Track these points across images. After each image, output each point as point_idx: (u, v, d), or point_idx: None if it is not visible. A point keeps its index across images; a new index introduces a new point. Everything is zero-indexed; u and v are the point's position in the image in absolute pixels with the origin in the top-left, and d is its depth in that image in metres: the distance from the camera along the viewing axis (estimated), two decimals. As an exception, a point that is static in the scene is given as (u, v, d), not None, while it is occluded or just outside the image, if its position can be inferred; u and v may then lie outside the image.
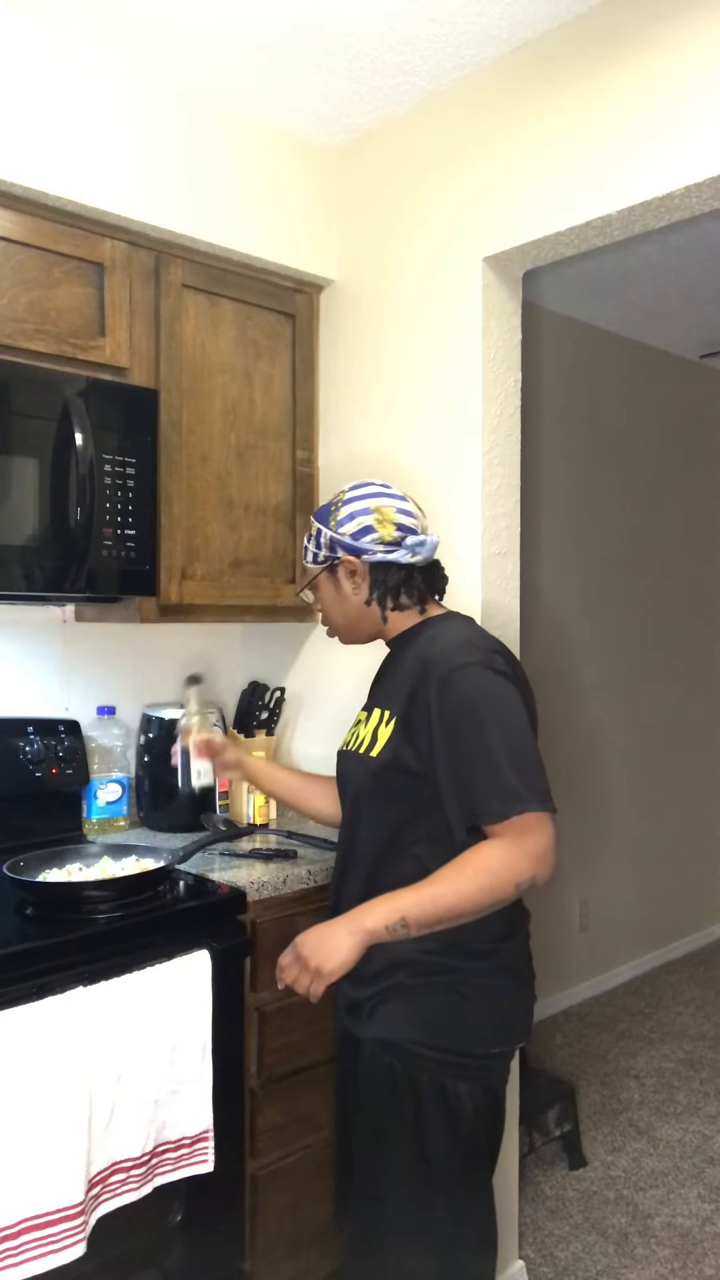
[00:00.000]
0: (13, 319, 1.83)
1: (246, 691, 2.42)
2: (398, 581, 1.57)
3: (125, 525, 1.92)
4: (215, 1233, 1.75)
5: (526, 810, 1.36)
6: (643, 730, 4.16)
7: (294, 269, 2.27)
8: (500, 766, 1.37)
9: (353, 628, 1.63)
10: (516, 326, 2.11)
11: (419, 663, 1.48)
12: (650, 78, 1.75)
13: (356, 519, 1.55)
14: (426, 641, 1.52)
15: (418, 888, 1.39)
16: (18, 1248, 1.40)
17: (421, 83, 2.08)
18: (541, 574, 3.62)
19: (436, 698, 1.42)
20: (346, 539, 1.55)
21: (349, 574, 1.58)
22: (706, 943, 4.53)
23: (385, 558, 1.55)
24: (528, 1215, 2.49)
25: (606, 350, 3.93)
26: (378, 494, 1.58)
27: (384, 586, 1.57)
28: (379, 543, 1.55)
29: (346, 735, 1.67)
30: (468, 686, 1.41)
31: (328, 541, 1.57)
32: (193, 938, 1.69)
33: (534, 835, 1.37)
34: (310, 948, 1.43)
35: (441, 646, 1.48)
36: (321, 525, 1.58)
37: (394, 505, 1.57)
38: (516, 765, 1.38)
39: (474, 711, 1.40)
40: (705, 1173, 2.69)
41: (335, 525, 1.56)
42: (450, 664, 1.43)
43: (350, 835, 1.58)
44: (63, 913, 1.67)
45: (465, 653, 1.45)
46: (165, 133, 2.05)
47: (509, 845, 1.37)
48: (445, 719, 1.41)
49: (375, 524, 1.55)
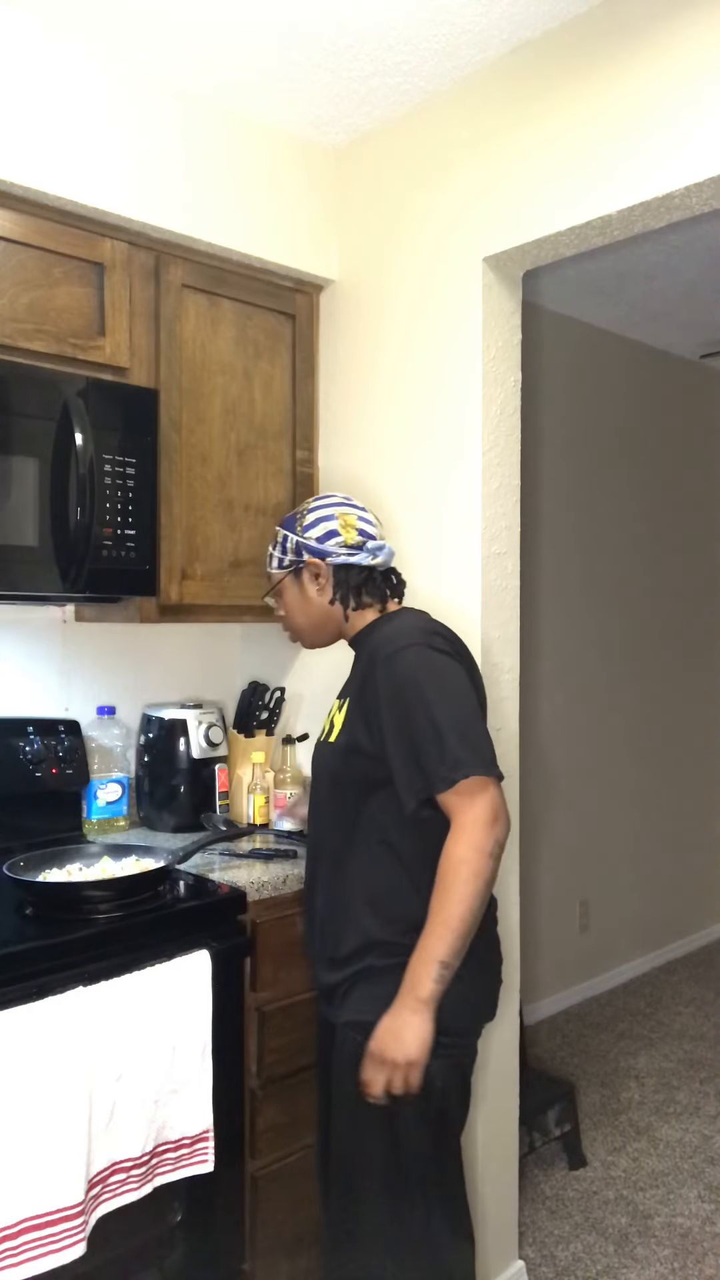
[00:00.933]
0: (13, 319, 1.83)
1: (246, 691, 2.42)
2: (359, 582, 1.68)
3: (125, 525, 1.92)
4: (215, 1233, 1.75)
5: (471, 774, 1.42)
6: (643, 730, 4.16)
7: (294, 269, 2.27)
8: (444, 734, 1.44)
9: (316, 630, 1.73)
10: (516, 326, 2.11)
11: (369, 650, 1.59)
12: (650, 78, 1.75)
13: (322, 524, 1.68)
14: (378, 634, 1.61)
15: (429, 929, 1.43)
16: (18, 1248, 1.40)
17: (421, 83, 2.08)
18: (541, 574, 3.62)
19: (384, 678, 1.50)
20: (312, 542, 1.67)
21: (313, 576, 1.69)
22: (706, 943, 4.53)
23: (348, 560, 1.67)
24: (528, 1215, 2.49)
25: (606, 350, 3.93)
26: (340, 503, 1.72)
27: (346, 586, 1.68)
28: (342, 546, 1.67)
29: None
30: (408, 663, 1.49)
31: (294, 546, 1.69)
32: (193, 938, 1.69)
33: (480, 799, 1.43)
34: (385, 1047, 1.44)
35: (386, 633, 1.58)
36: (288, 531, 1.70)
37: (355, 514, 1.71)
38: (459, 733, 1.44)
39: (416, 685, 1.47)
40: (705, 1173, 2.69)
41: (301, 530, 1.68)
42: (393, 645, 1.52)
43: (320, 823, 1.64)
44: (63, 913, 1.67)
45: (406, 636, 1.54)
46: (165, 133, 2.04)
47: (462, 825, 1.42)
48: (388, 695, 1.49)
49: (340, 528, 1.67)
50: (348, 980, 1.56)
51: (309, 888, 1.69)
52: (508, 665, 2.10)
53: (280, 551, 1.72)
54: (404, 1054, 1.42)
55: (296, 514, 1.73)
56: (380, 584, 1.69)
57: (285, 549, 1.71)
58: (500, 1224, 2.16)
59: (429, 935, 1.43)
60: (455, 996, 1.47)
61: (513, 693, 2.11)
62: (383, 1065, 1.43)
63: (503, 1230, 2.18)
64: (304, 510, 1.72)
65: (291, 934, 1.88)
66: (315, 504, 1.73)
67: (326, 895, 1.62)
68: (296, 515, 1.72)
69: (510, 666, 2.10)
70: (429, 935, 1.43)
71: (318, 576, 1.68)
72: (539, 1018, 3.65)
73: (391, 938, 1.52)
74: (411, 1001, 1.43)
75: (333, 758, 1.60)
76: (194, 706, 2.30)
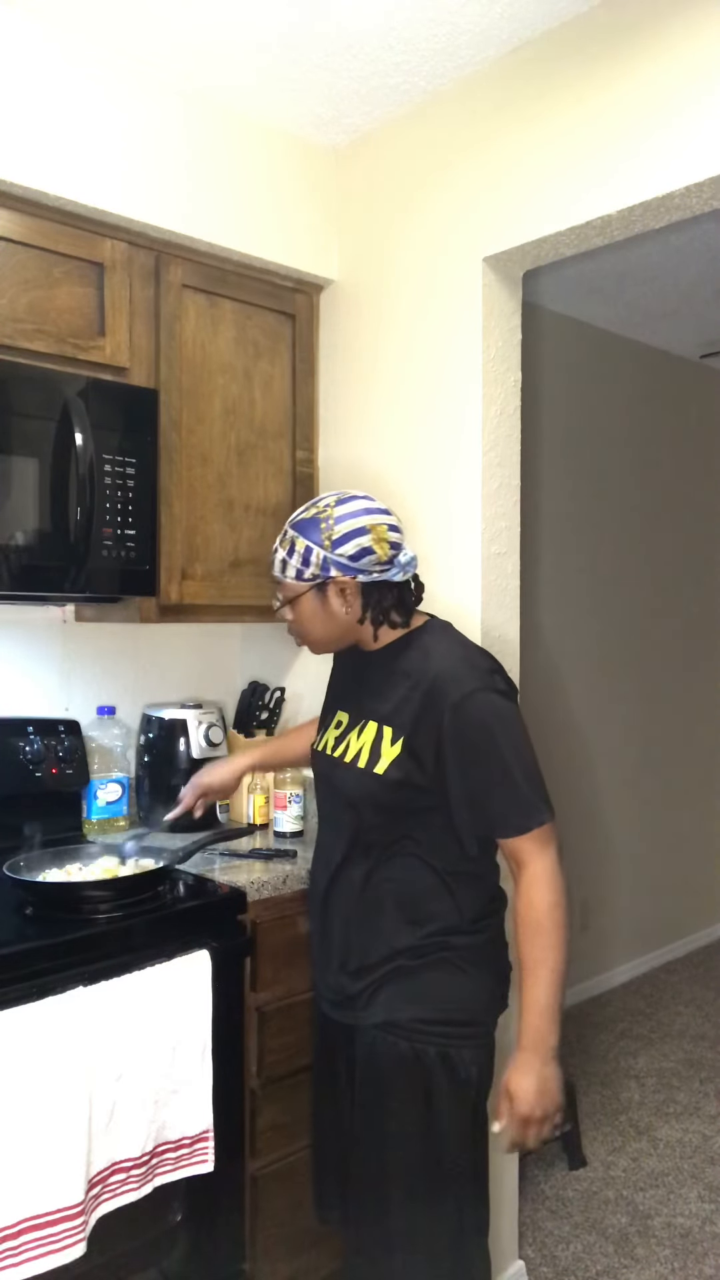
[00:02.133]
0: (13, 319, 1.83)
1: (246, 691, 2.42)
2: (392, 602, 1.58)
3: (125, 525, 1.92)
4: (215, 1233, 1.75)
5: (544, 821, 1.49)
6: (643, 730, 4.16)
7: (294, 269, 2.27)
8: (517, 784, 1.47)
9: (334, 642, 1.64)
10: (516, 326, 2.11)
11: (422, 684, 1.51)
12: (650, 77, 1.75)
13: (354, 540, 1.52)
14: (421, 657, 1.55)
15: (537, 979, 1.48)
16: (18, 1248, 1.40)
17: (421, 83, 2.08)
18: (541, 574, 3.62)
19: (451, 723, 1.47)
20: (344, 560, 1.52)
21: (339, 593, 1.56)
22: (706, 943, 4.53)
23: (380, 578, 1.55)
24: (528, 1215, 2.49)
25: (606, 350, 3.93)
26: (368, 510, 1.55)
27: (379, 608, 1.58)
28: (376, 563, 1.53)
29: (324, 735, 1.68)
30: (481, 712, 1.48)
31: (320, 560, 1.52)
32: (193, 938, 1.69)
33: (552, 846, 1.51)
34: (536, 1106, 1.46)
35: (444, 669, 1.51)
36: (312, 543, 1.53)
37: (385, 523, 1.55)
38: (528, 781, 1.48)
39: (489, 736, 1.47)
40: (705, 1173, 2.69)
41: (331, 545, 1.52)
42: (461, 690, 1.48)
43: (347, 835, 1.59)
44: (63, 913, 1.67)
45: (471, 677, 1.50)
46: (165, 132, 2.04)
47: (542, 871, 1.49)
48: (461, 743, 1.47)
49: (373, 543, 1.52)
50: (374, 984, 1.55)
51: (323, 897, 1.64)
52: (507, 665, 2.09)
53: (301, 563, 1.54)
54: (556, 1104, 1.48)
55: (320, 520, 1.54)
56: (411, 601, 1.61)
57: (308, 561, 1.53)
58: (500, 1224, 2.16)
59: (539, 985, 1.47)
60: (477, 987, 1.52)
61: (513, 693, 2.11)
62: (540, 1123, 1.47)
63: (503, 1230, 2.18)
64: (329, 517, 1.53)
65: (292, 934, 1.88)
66: (343, 512, 1.54)
67: (350, 905, 1.58)
68: (321, 523, 1.53)
69: (510, 666, 2.10)
70: (539, 985, 1.47)
71: (344, 592, 1.55)
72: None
73: (422, 940, 1.53)
74: (544, 1054, 1.47)
75: (379, 788, 1.52)
76: (194, 706, 2.30)
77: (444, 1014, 1.52)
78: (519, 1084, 1.46)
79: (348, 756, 1.59)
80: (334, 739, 1.64)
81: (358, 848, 1.58)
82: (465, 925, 1.54)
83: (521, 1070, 1.47)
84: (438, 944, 1.53)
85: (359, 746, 1.57)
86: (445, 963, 1.53)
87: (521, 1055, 1.47)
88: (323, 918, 1.65)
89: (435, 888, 1.54)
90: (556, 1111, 1.49)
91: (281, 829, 2.19)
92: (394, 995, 1.54)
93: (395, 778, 1.50)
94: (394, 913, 1.54)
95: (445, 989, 1.53)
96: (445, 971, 1.53)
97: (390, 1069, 1.52)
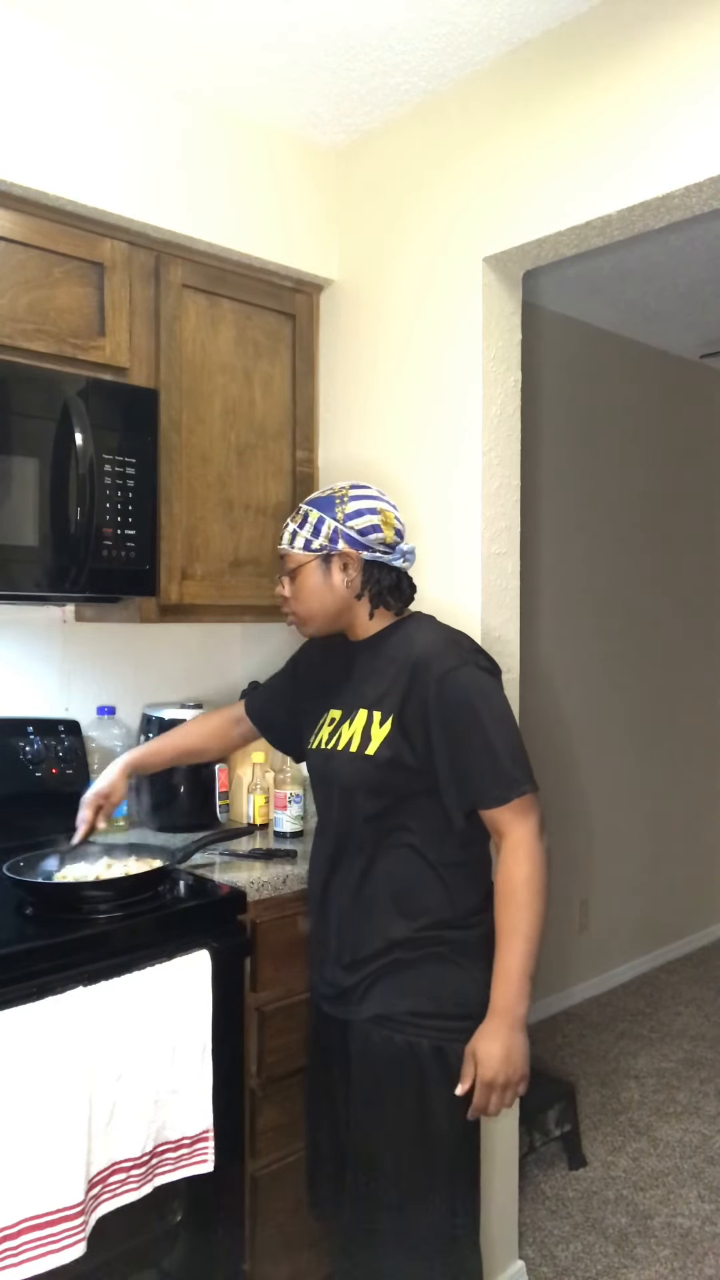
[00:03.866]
0: (13, 319, 1.83)
1: (246, 691, 2.42)
2: (390, 584, 1.65)
3: (125, 525, 1.92)
4: (215, 1233, 1.75)
5: (523, 792, 1.51)
6: (643, 730, 4.16)
7: (294, 269, 2.27)
8: (499, 756, 1.51)
9: (329, 620, 1.66)
10: (516, 326, 2.11)
11: (408, 664, 1.57)
12: (650, 78, 1.74)
13: (365, 516, 1.60)
14: (405, 643, 1.61)
15: (509, 947, 1.49)
16: (18, 1248, 1.40)
17: (421, 83, 2.08)
18: (541, 574, 3.62)
19: (435, 697, 1.52)
20: (353, 533, 1.60)
21: (343, 566, 1.62)
22: (706, 943, 4.53)
23: (382, 558, 1.63)
24: (528, 1215, 2.49)
25: (606, 350, 3.93)
26: (379, 497, 1.65)
27: (378, 585, 1.64)
28: (381, 543, 1.62)
29: (319, 734, 1.69)
30: (461, 684, 1.52)
31: (330, 531, 1.60)
32: (193, 938, 1.69)
33: (531, 817, 1.52)
34: (500, 1072, 1.47)
35: (428, 647, 1.57)
36: (325, 514, 1.61)
37: (393, 512, 1.65)
38: (510, 754, 1.52)
39: (471, 706, 1.51)
40: (705, 1173, 2.69)
41: (344, 519, 1.60)
42: (444, 665, 1.53)
43: (343, 829, 1.62)
44: (63, 913, 1.67)
45: (454, 654, 1.55)
46: (165, 132, 2.04)
47: (519, 842, 1.50)
48: (445, 716, 1.51)
49: (381, 524, 1.61)
50: (369, 978, 1.57)
51: (321, 893, 1.66)
52: (507, 666, 2.09)
53: (311, 533, 1.61)
54: (520, 1073, 1.48)
55: (334, 497, 1.63)
56: (406, 590, 1.68)
57: (319, 532, 1.60)
58: (500, 1224, 2.16)
59: (511, 954, 1.48)
60: (471, 981, 1.53)
61: (513, 693, 2.11)
62: (503, 1090, 1.47)
63: (503, 1230, 2.18)
64: (343, 495, 1.62)
65: (292, 934, 1.88)
66: (357, 492, 1.63)
67: (347, 899, 1.60)
68: (335, 499, 1.62)
69: (510, 667, 2.10)
70: (511, 954, 1.48)
71: (347, 567, 1.61)
72: (539, 1018, 3.65)
73: (417, 933, 1.55)
74: (511, 1020, 1.48)
75: (373, 770, 1.55)
76: (194, 706, 2.30)
77: (438, 1007, 1.53)
78: (486, 1049, 1.47)
79: (339, 746, 1.62)
80: (328, 734, 1.66)
81: (353, 841, 1.59)
82: (459, 919, 1.56)
83: (489, 1035, 1.47)
84: (432, 937, 1.55)
85: (350, 734, 1.60)
86: (440, 956, 1.55)
87: (490, 1021, 1.48)
88: (320, 914, 1.66)
89: (429, 880, 1.55)
90: (521, 1080, 1.49)
91: (281, 829, 2.19)
92: (389, 989, 1.55)
93: (386, 756, 1.53)
94: (389, 906, 1.56)
95: (440, 982, 1.54)
96: (440, 965, 1.55)
97: (384, 1062, 1.53)
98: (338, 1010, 1.62)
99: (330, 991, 1.63)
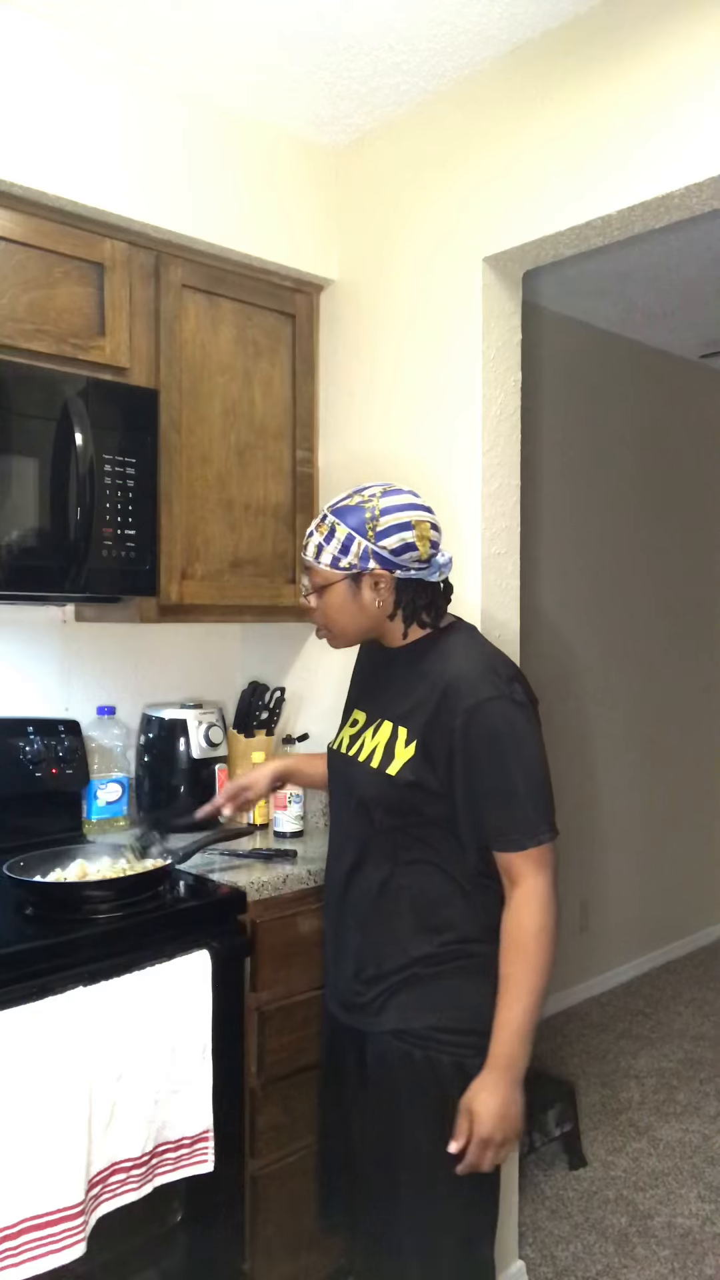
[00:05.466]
0: (13, 319, 1.83)
1: (246, 691, 2.42)
2: (427, 601, 1.56)
3: (125, 525, 1.92)
4: (215, 1233, 1.75)
5: (542, 842, 1.46)
6: (643, 730, 4.16)
7: (294, 269, 2.27)
8: (520, 800, 1.45)
9: (359, 635, 1.60)
10: (516, 326, 2.11)
11: (440, 685, 1.49)
12: (650, 78, 1.75)
13: (398, 534, 1.49)
14: (441, 659, 1.53)
15: (513, 999, 1.43)
16: (18, 1248, 1.40)
17: (421, 83, 2.08)
18: (541, 574, 3.62)
19: (462, 727, 1.45)
20: (386, 554, 1.50)
21: (373, 585, 1.52)
22: (706, 943, 4.53)
23: (417, 576, 1.53)
24: (528, 1215, 2.49)
25: (606, 350, 3.93)
26: (413, 505, 1.54)
27: (413, 605, 1.55)
28: (415, 560, 1.52)
29: (340, 734, 1.67)
30: (493, 721, 1.45)
31: (360, 550, 1.49)
32: (193, 938, 1.69)
33: (548, 868, 1.47)
34: (494, 1127, 1.42)
35: (463, 672, 1.49)
36: (355, 532, 1.49)
37: (429, 520, 1.54)
38: (533, 798, 1.46)
39: (498, 746, 1.45)
40: (705, 1173, 2.69)
41: (375, 537, 1.49)
42: (476, 696, 1.46)
43: (363, 839, 1.57)
44: (63, 913, 1.67)
45: (489, 684, 1.47)
46: (165, 132, 2.04)
47: (533, 892, 1.45)
48: (470, 749, 1.45)
49: (416, 540, 1.50)
50: (387, 991, 1.53)
51: (338, 901, 1.62)
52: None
53: (339, 550, 1.50)
54: (516, 1130, 1.44)
55: (365, 509, 1.50)
56: (442, 604, 1.59)
57: (347, 550, 1.49)
58: (500, 1224, 2.16)
59: (515, 1007, 1.43)
60: (488, 999, 1.47)
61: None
62: (499, 1147, 1.43)
63: (503, 1230, 2.17)
64: (375, 508, 1.50)
65: (291, 934, 1.88)
66: (389, 504, 1.51)
67: (365, 911, 1.56)
68: (365, 511, 1.50)
69: (510, 666, 2.10)
70: (515, 1007, 1.43)
71: (378, 585, 1.52)
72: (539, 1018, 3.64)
73: (439, 948, 1.51)
74: (511, 1076, 1.43)
75: (390, 789, 1.50)
76: (194, 706, 2.30)
77: (458, 1023, 1.49)
78: (484, 1103, 1.42)
79: (361, 755, 1.57)
80: (349, 737, 1.63)
81: (372, 851, 1.55)
82: (482, 934, 1.51)
83: (488, 1089, 1.42)
84: (455, 952, 1.51)
85: (373, 746, 1.55)
86: (462, 971, 1.51)
87: (489, 1074, 1.43)
88: (337, 921, 1.62)
89: (453, 895, 1.51)
90: (516, 1138, 1.45)
91: (281, 829, 2.19)
92: (408, 1003, 1.51)
93: (408, 779, 1.48)
94: (411, 920, 1.52)
95: (460, 998, 1.50)
96: (461, 980, 1.51)
97: (403, 1077, 1.50)
98: (353, 1020, 1.59)
99: (345, 1001, 1.60)
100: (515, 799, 1.45)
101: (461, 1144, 1.43)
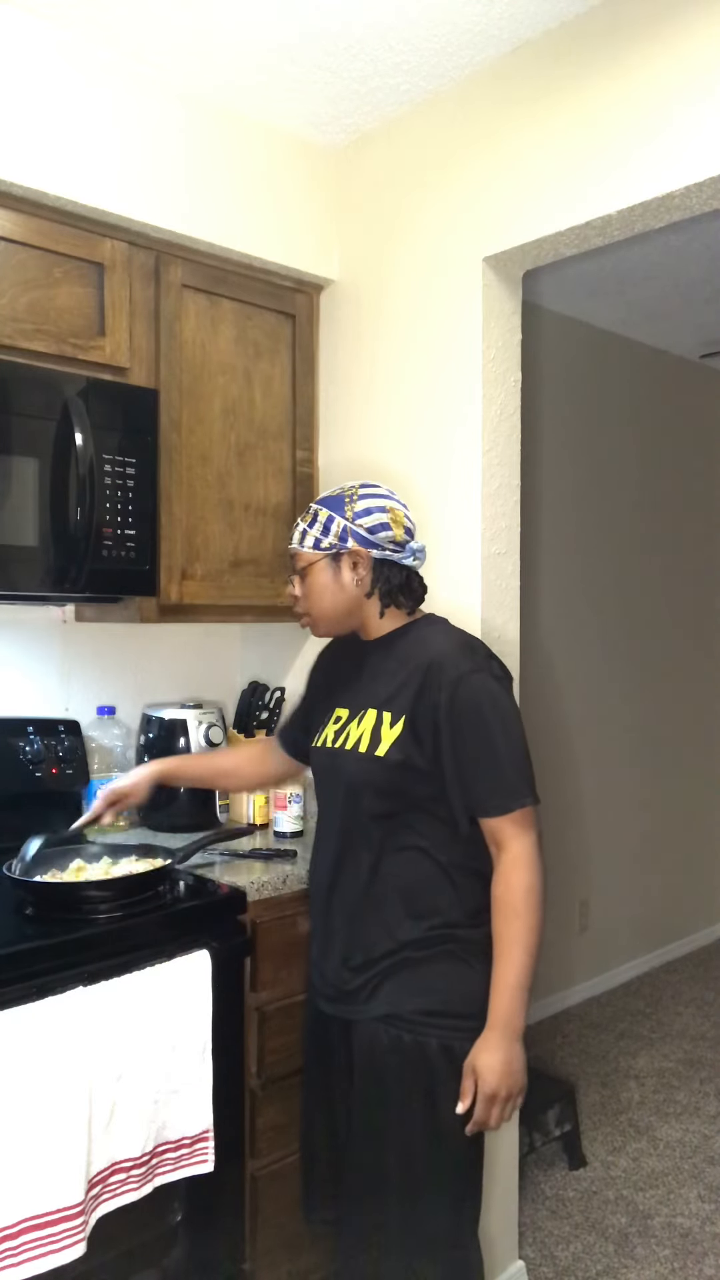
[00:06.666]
0: (13, 319, 1.83)
1: (246, 691, 2.42)
2: (400, 582, 1.64)
3: (125, 525, 1.92)
4: (215, 1233, 1.75)
5: (525, 804, 1.52)
6: (643, 730, 4.16)
7: (294, 269, 2.27)
8: (504, 766, 1.51)
9: (340, 619, 1.66)
10: (516, 326, 2.11)
11: (422, 665, 1.56)
12: (650, 78, 1.75)
13: (374, 514, 1.60)
14: (418, 644, 1.60)
15: (509, 958, 1.49)
16: (18, 1248, 1.40)
17: (421, 83, 2.08)
18: (541, 574, 3.62)
19: (447, 700, 1.51)
20: (362, 531, 1.59)
21: (352, 565, 1.61)
22: (706, 943, 4.53)
23: (392, 557, 1.62)
24: (528, 1215, 2.49)
25: (607, 351, 3.93)
26: (389, 496, 1.65)
27: (388, 584, 1.63)
28: (390, 541, 1.61)
29: (323, 732, 1.69)
30: (475, 693, 1.52)
31: (340, 530, 1.60)
32: (193, 938, 1.69)
33: (532, 829, 1.53)
34: (502, 1085, 1.47)
35: (443, 650, 1.57)
36: (334, 513, 1.61)
37: (403, 510, 1.65)
38: (515, 765, 1.52)
39: (481, 715, 1.51)
40: (705, 1173, 2.69)
41: (352, 516, 1.60)
42: (459, 669, 1.53)
43: (349, 828, 1.60)
44: (63, 913, 1.67)
45: (469, 659, 1.55)
46: (165, 133, 2.04)
47: (520, 854, 1.51)
48: (454, 720, 1.51)
49: (390, 522, 1.61)
50: (376, 977, 1.56)
51: (326, 893, 1.64)
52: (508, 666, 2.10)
53: (320, 532, 1.61)
54: (520, 1084, 1.49)
55: (343, 496, 1.63)
56: (417, 590, 1.67)
57: (328, 530, 1.60)
58: (500, 1224, 2.16)
59: (510, 966, 1.49)
60: (479, 980, 1.52)
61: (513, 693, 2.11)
62: (505, 1102, 1.48)
63: (503, 1230, 2.18)
64: (353, 494, 1.63)
65: (292, 934, 1.88)
66: (365, 491, 1.63)
67: (354, 899, 1.59)
68: (344, 498, 1.63)
69: (510, 667, 2.10)
70: (510, 966, 1.49)
71: (356, 566, 1.61)
72: (539, 1018, 3.65)
73: (426, 933, 1.55)
74: (510, 1032, 1.48)
75: (380, 770, 1.55)
76: (194, 706, 2.30)
77: (447, 1006, 1.53)
78: (487, 1061, 1.47)
79: (348, 745, 1.61)
80: (333, 733, 1.65)
81: (360, 840, 1.58)
82: (467, 919, 1.55)
83: (489, 1048, 1.47)
84: (442, 936, 1.54)
85: (359, 734, 1.60)
86: (450, 955, 1.55)
87: (489, 1033, 1.48)
88: (325, 913, 1.65)
89: (438, 881, 1.55)
90: (520, 1093, 1.49)
91: (281, 829, 2.19)
92: (396, 988, 1.54)
93: (396, 759, 1.53)
94: (399, 907, 1.55)
95: (449, 981, 1.54)
96: (449, 964, 1.54)
97: (392, 1061, 1.53)
98: (340, 1010, 1.62)
99: (332, 992, 1.62)
100: (499, 766, 1.51)
101: (468, 1103, 1.47)
